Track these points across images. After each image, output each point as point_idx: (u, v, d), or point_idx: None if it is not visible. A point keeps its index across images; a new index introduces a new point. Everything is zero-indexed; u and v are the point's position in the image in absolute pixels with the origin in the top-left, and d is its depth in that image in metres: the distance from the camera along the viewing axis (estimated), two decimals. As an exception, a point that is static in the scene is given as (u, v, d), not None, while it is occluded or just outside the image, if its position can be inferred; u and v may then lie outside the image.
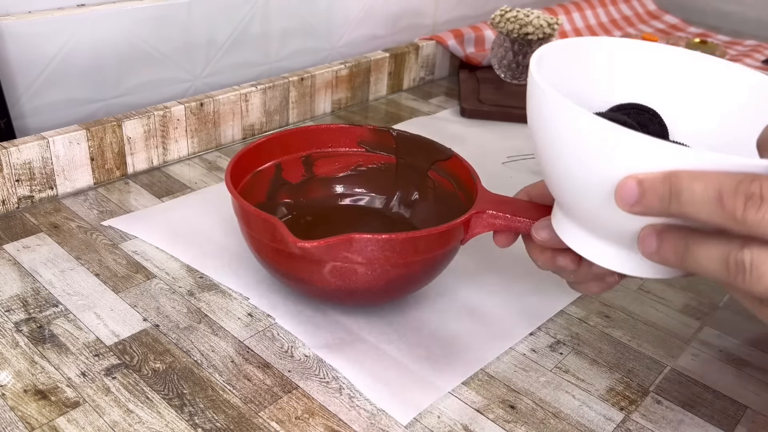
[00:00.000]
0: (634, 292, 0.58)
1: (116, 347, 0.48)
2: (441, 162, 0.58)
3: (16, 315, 0.50)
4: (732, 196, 0.26)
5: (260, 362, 0.47)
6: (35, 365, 0.46)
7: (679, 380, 0.49)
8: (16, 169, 0.61)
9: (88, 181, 0.66)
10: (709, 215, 0.27)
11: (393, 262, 0.46)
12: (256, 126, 0.79)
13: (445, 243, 0.48)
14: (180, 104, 0.71)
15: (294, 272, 0.48)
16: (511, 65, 0.96)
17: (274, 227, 0.45)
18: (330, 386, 0.46)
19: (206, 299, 0.53)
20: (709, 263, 0.29)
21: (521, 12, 0.93)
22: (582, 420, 0.45)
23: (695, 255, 0.29)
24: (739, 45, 1.31)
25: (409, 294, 0.53)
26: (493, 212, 0.49)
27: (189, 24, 0.78)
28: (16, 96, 0.67)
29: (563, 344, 0.52)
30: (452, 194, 0.57)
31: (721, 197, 0.26)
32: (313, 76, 0.83)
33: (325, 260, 0.46)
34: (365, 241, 0.45)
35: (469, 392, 0.47)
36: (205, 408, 0.43)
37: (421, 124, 0.86)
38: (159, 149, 0.71)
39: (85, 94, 0.72)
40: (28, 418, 0.42)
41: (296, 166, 0.60)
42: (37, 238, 0.58)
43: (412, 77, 0.98)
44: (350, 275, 0.47)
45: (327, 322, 0.51)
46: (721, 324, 0.55)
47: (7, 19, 0.65)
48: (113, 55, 0.73)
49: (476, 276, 0.58)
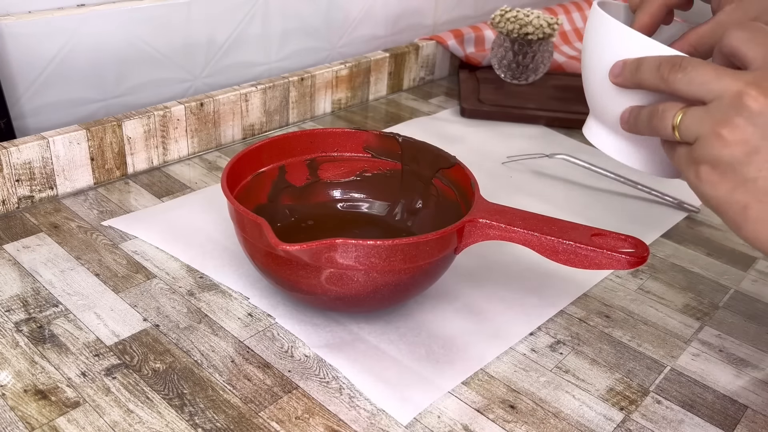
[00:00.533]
0: (634, 292, 0.58)
1: (116, 347, 0.48)
2: (444, 170, 0.58)
3: (16, 315, 0.50)
4: (665, 65, 0.40)
5: (260, 362, 0.47)
6: (35, 365, 0.46)
7: (679, 380, 0.49)
8: (16, 169, 0.61)
9: (88, 181, 0.66)
10: (652, 80, 0.41)
11: (380, 270, 0.46)
12: (256, 126, 0.79)
13: (436, 251, 0.47)
14: (180, 104, 0.71)
15: (282, 276, 0.48)
16: (511, 65, 0.96)
17: (260, 229, 0.45)
18: (330, 386, 0.46)
19: (206, 299, 0.53)
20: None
21: (521, 12, 0.93)
22: (582, 420, 0.45)
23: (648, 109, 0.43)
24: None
25: (400, 303, 0.53)
26: (486, 221, 0.49)
27: (189, 24, 0.78)
28: (16, 96, 0.68)
29: (563, 344, 0.52)
30: (454, 203, 0.56)
31: (659, 65, 0.40)
32: (313, 76, 0.83)
33: (310, 264, 0.45)
34: (349, 246, 0.44)
35: (469, 392, 0.47)
36: (205, 408, 0.43)
37: (421, 124, 0.86)
38: (159, 149, 0.71)
39: (85, 94, 0.72)
40: (28, 418, 0.42)
41: (301, 169, 0.60)
42: (37, 238, 0.58)
43: (412, 77, 0.98)
44: (336, 281, 0.46)
45: (327, 322, 0.51)
46: (721, 324, 0.55)
47: (7, 19, 0.65)
48: (113, 55, 0.73)
49: (476, 276, 0.58)
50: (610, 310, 0.56)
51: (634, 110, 0.43)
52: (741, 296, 0.59)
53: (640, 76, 0.41)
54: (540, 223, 0.49)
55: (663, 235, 0.66)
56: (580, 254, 0.48)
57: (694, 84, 0.39)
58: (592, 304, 0.56)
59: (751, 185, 0.37)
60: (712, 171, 0.38)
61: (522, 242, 0.49)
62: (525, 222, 0.49)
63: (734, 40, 0.39)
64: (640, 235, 0.66)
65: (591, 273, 0.59)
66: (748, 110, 0.36)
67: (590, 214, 0.69)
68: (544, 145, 0.83)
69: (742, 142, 0.37)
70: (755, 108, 0.36)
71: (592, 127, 0.49)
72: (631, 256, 0.47)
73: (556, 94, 0.96)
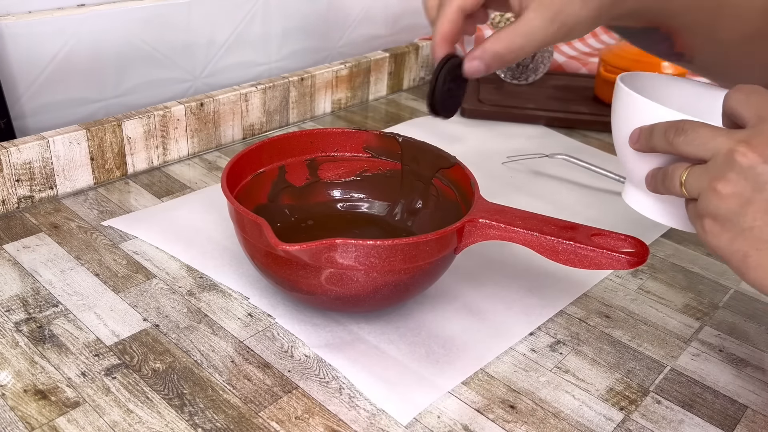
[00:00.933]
0: (634, 292, 0.58)
1: (116, 347, 0.48)
2: (444, 170, 0.57)
3: (16, 315, 0.50)
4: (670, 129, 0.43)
5: (260, 362, 0.47)
6: (35, 365, 0.46)
7: (679, 380, 0.49)
8: (16, 169, 0.61)
9: (88, 181, 0.66)
10: (662, 144, 0.44)
11: (380, 270, 0.46)
12: (256, 126, 0.79)
13: (436, 251, 0.47)
14: (180, 104, 0.71)
15: (282, 276, 0.48)
16: (510, 65, 0.96)
17: (260, 229, 0.45)
18: (330, 386, 0.46)
19: (206, 299, 0.53)
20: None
21: (521, 12, 0.93)
22: (582, 420, 0.45)
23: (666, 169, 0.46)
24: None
25: (400, 303, 0.53)
26: (486, 221, 0.49)
27: (189, 24, 0.78)
28: (16, 96, 0.68)
29: (563, 344, 0.52)
30: (454, 203, 0.56)
31: (666, 130, 0.44)
32: (313, 76, 0.83)
33: (310, 264, 0.45)
34: (349, 246, 0.44)
35: (469, 392, 0.47)
36: (205, 408, 0.43)
37: (421, 124, 0.86)
38: (159, 149, 0.71)
39: (85, 94, 0.72)
40: (28, 418, 0.42)
41: (301, 169, 0.60)
42: (37, 238, 0.58)
43: (412, 77, 0.98)
44: (336, 281, 0.46)
45: (327, 321, 0.51)
46: (721, 324, 0.55)
47: (7, 19, 0.65)
48: (113, 55, 0.73)
49: (476, 276, 0.58)
50: (610, 310, 0.56)
51: (653, 172, 0.46)
52: (741, 296, 0.59)
53: (653, 142, 0.45)
54: (540, 223, 0.49)
55: (663, 235, 0.66)
56: (580, 254, 0.48)
57: (693, 145, 0.42)
58: (592, 304, 0.56)
59: (748, 234, 0.40)
60: (714, 223, 0.41)
61: (522, 242, 0.49)
62: (525, 222, 0.49)
63: (732, 102, 0.43)
64: (640, 235, 0.66)
65: (591, 273, 0.59)
66: (739, 165, 0.39)
67: (590, 214, 0.69)
68: (544, 145, 0.83)
69: (736, 195, 0.40)
70: (745, 163, 0.39)
71: (628, 191, 0.52)
72: (631, 256, 0.47)
73: (556, 94, 0.96)
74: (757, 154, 0.39)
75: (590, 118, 0.89)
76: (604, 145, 0.85)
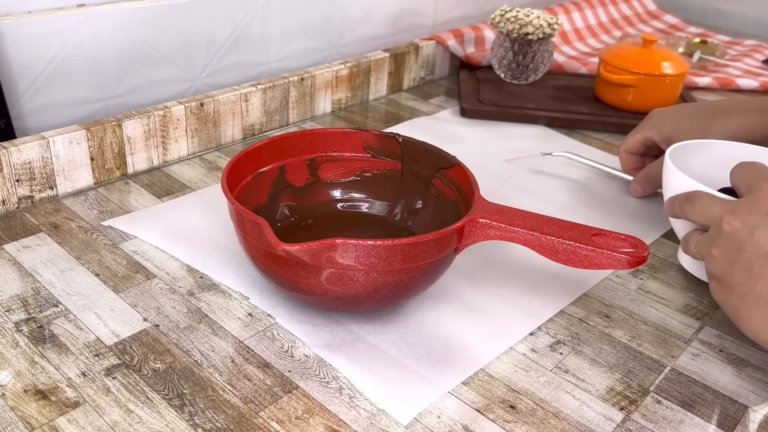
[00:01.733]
0: (634, 292, 0.58)
1: (116, 347, 0.48)
2: (444, 169, 0.57)
3: (16, 315, 0.50)
4: (683, 199, 0.51)
5: (260, 362, 0.47)
6: (35, 365, 0.46)
7: (679, 380, 0.49)
8: (16, 169, 0.61)
9: (88, 181, 0.66)
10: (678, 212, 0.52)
11: (380, 270, 0.46)
12: (256, 126, 0.79)
13: (436, 251, 0.47)
14: (180, 104, 0.71)
15: (282, 276, 0.48)
16: (511, 65, 0.96)
17: (260, 229, 0.45)
18: (330, 386, 0.46)
19: (206, 299, 0.53)
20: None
21: (521, 12, 0.93)
22: (582, 420, 0.45)
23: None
24: (739, 45, 1.31)
25: (400, 303, 0.53)
26: (486, 221, 0.49)
27: (189, 24, 0.78)
28: (16, 96, 0.68)
29: (563, 344, 0.52)
30: (454, 203, 0.56)
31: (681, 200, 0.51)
32: (313, 76, 0.83)
33: (310, 264, 0.45)
34: (349, 246, 0.44)
35: (469, 392, 0.47)
36: (205, 408, 0.43)
37: (421, 124, 0.86)
38: (159, 149, 0.71)
39: (85, 94, 0.72)
40: (28, 418, 0.42)
41: (301, 169, 0.60)
42: (37, 238, 0.58)
43: (412, 77, 0.98)
44: (336, 281, 0.46)
45: (327, 321, 0.51)
46: (721, 324, 0.55)
47: (7, 19, 0.65)
48: (113, 55, 0.73)
49: (476, 276, 0.58)
50: (610, 310, 0.56)
51: (684, 236, 0.53)
52: (741, 296, 0.59)
53: (673, 210, 0.53)
54: (540, 223, 0.49)
55: (663, 235, 0.66)
56: (580, 254, 0.48)
57: (697, 213, 0.50)
58: (592, 304, 0.56)
59: (737, 290, 0.45)
60: (716, 283, 0.47)
61: (522, 242, 0.49)
62: (525, 222, 0.49)
63: (732, 177, 0.50)
64: (640, 235, 0.66)
65: (591, 273, 0.59)
66: (725, 232, 0.46)
67: (590, 214, 0.69)
68: (544, 145, 0.83)
69: (725, 257, 0.46)
70: (728, 230, 0.46)
71: (680, 251, 0.60)
72: (631, 256, 0.47)
73: (556, 94, 0.96)
74: (740, 221, 0.45)
75: (590, 118, 0.90)
76: (604, 145, 0.85)
